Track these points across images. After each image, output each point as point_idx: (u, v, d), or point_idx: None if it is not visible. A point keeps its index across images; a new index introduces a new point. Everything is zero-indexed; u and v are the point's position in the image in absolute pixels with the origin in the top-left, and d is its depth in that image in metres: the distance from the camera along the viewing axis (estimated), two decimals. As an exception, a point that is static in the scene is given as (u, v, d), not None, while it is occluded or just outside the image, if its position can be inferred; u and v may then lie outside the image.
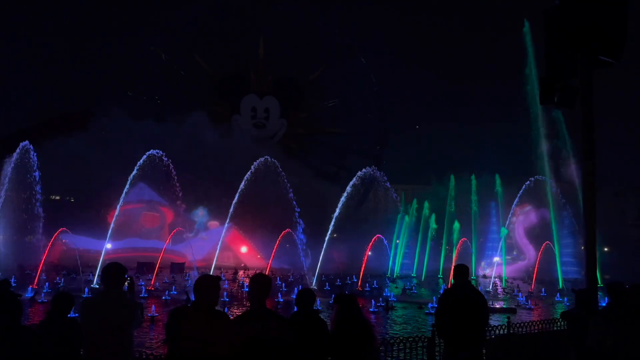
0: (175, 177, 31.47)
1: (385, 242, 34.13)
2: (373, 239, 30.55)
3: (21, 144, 26.20)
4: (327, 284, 26.21)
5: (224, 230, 31.77)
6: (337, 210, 29.84)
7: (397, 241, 39.97)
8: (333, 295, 19.59)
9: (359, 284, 26.24)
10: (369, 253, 29.83)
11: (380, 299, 20.57)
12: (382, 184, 37.41)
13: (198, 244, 36.09)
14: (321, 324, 5.35)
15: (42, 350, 4.42)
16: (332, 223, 29.34)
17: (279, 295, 21.15)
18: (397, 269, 38.71)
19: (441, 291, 21.94)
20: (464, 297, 6.31)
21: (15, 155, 26.09)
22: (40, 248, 25.55)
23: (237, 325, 4.56)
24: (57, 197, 43.06)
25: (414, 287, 27.43)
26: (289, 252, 31.81)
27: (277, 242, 28.61)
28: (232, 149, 46.39)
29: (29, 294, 18.73)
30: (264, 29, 57.73)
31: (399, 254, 39.33)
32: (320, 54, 58.83)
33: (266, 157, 31.59)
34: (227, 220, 31.14)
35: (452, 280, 6.66)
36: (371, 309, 18.59)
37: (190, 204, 40.18)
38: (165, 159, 30.09)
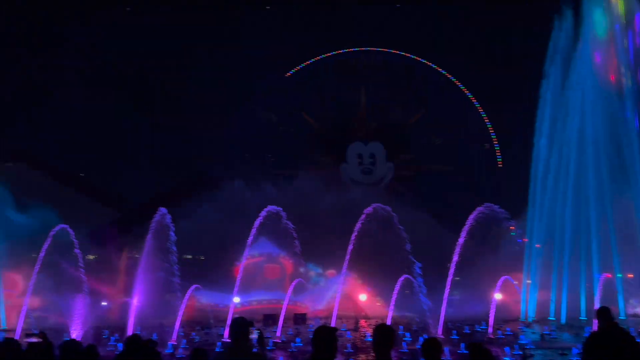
0: (292, 230, 32.64)
1: (514, 282, 31.72)
2: (500, 281, 28.57)
3: (160, 210, 29.06)
4: (453, 331, 24.81)
5: (341, 279, 31.86)
6: (456, 252, 28.56)
7: (528, 281, 36.82)
8: (463, 345, 18.54)
9: (490, 330, 24.47)
10: (497, 296, 27.87)
11: (516, 347, 18.96)
12: (503, 220, 35.24)
13: (317, 293, 36.50)
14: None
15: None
16: (453, 265, 28.06)
17: (404, 345, 20.41)
18: (531, 312, 35.44)
19: (585, 334, 19.64)
20: (613, 341, 5.60)
21: (154, 220, 29.00)
22: (177, 305, 27.53)
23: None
24: (189, 257, 46.58)
25: (553, 332, 24.89)
26: (409, 298, 30.85)
27: (396, 288, 27.94)
28: (342, 196, 47.28)
29: (168, 350, 20.12)
30: (364, 77, 59.65)
31: (532, 295, 36.10)
32: (420, 92, 59.17)
33: (378, 204, 31.56)
34: (344, 268, 31.25)
35: (598, 323, 5.96)
36: (506, 358, 17.15)
37: (308, 254, 41.15)
38: (282, 213, 31.48)
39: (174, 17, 59.96)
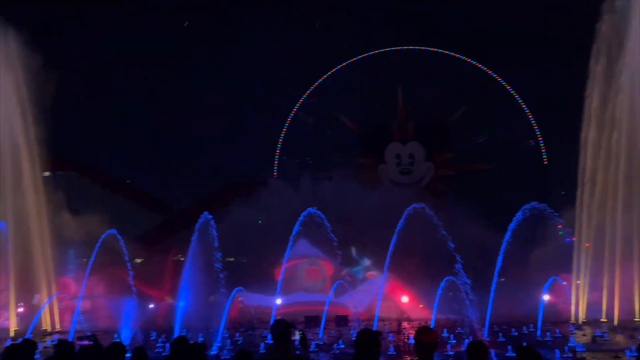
0: (332, 232, 32.66)
1: (563, 283, 30.61)
2: (548, 282, 27.64)
3: (203, 214, 29.74)
4: (500, 334, 24.17)
5: (382, 281, 31.63)
6: (502, 253, 27.82)
7: (578, 282, 35.44)
8: (510, 347, 18.05)
9: (539, 332, 23.72)
10: (546, 297, 26.97)
11: (566, 349, 18.28)
12: (551, 218, 34.05)
13: (359, 295, 36.39)
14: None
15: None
16: (498, 266, 27.35)
17: (448, 347, 20.05)
18: (582, 314, 34.10)
19: (641, 337, 18.73)
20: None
21: (198, 224, 29.68)
22: (221, 307, 28.04)
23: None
24: (232, 259, 47.40)
25: (605, 334, 23.87)
26: (453, 300, 30.28)
27: (439, 290, 27.49)
28: (382, 198, 46.96)
29: (213, 351, 20.51)
30: (401, 77, 59.16)
31: (582, 296, 34.74)
32: (460, 89, 58.13)
33: (418, 204, 31.15)
34: (385, 270, 31.01)
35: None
36: (556, 360, 16.61)
37: (348, 256, 41.13)
38: (322, 215, 31.57)
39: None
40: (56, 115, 36.66)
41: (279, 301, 30.20)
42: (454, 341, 22.11)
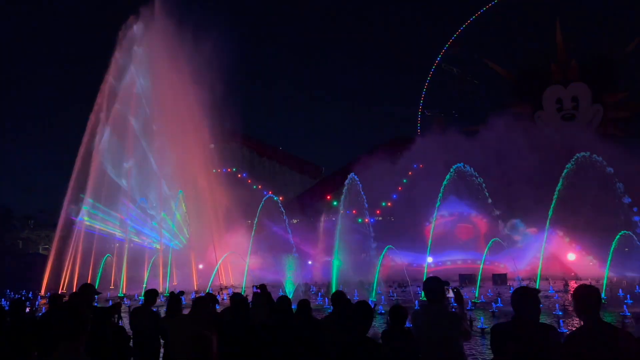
0: (485, 187, 31.19)
1: None
2: None
3: (350, 175, 30.92)
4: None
5: (545, 237, 29.41)
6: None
7: None
8: None
9: None
10: None
11: None
12: None
13: (517, 253, 34.44)
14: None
15: (387, 357, 4.90)
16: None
17: (625, 307, 18.10)
18: None
19: None
20: None
21: (346, 185, 30.84)
22: (373, 264, 28.90)
23: (571, 344, 4.10)
24: (380, 218, 48.24)
25: None
26: (628, 256, 27.04)
27: (613, 246, 24.70)
28: (541, 148, 43.10)
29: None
30: (558, 9, 52.48)
31: None
32: (631, 18, 49.59)
33: (585, 153, 28.00)
34: (547, 226, 28.74)
35: None
36: None
37: (504, 212, 38.91)
38: (472, 170, 30.29)
39: None
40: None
41: (430, 259, 30.04)
42: (631, 301, 19.84)
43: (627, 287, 24.47)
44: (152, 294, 9.04)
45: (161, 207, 39.89)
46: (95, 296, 7.95)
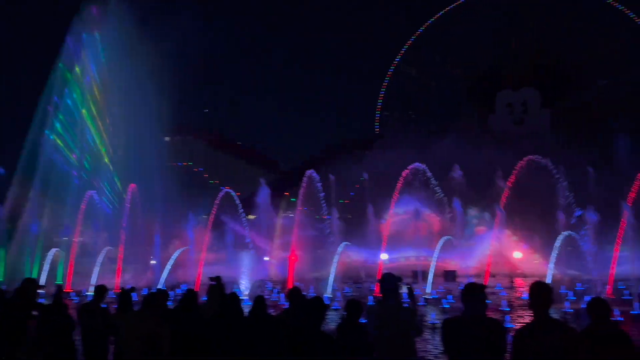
0: (438, 187, 32.04)
1: None
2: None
3: (308, 172, 30.96)
4: (625, 291, 22.36)
5: (493, 236, 30.52)
6: (628, 203, 25.31)
7: None
8: (636, 304, 16.64)
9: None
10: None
11: None
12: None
13: (467, 251, 35.57)
14: (624, 338, 4.59)
15: (340, 351, 5.00)
16: (624, 218, 24.97)
17: (567, 304, 19.03)
18: None
19: None
20: None
21: (304, 182, 30.89)
22: (330, 261, 29.10)
23: (521, 337, 4.30)
24: (338, 215, 48.58)
25: None
26: (572, 255, 28.44)
27: (557, 245, 25.90)
28: (491, 150, 44.65)
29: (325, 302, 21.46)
30: (513, 17, 54.41)
31: None
32: (581, 26, 52.08)
33: (533, 156, 29.23)
34: (495, 225, 29.84)
35: None
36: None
37: (456, 211, 40.09)
38: (427, 169, 31.05)
39: None
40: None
41: (384, 256, 30.55)
42: (574, 298, 20.89)
43: (569, 284, 25.70)
44: (101, 290, 8.79)
45: (113, 199, 38.70)
46: (40, 291, 7.65)
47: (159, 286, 25.70)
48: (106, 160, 39.70)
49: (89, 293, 24.37)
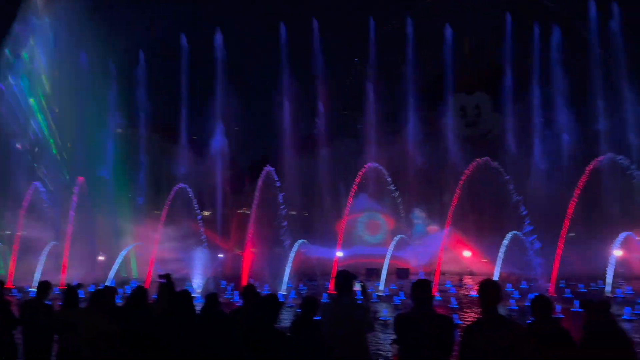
0: (393, 186, 32.62)
1: (637, 239, 29.03)
2: (620, 237, 26.29)
3: (265, 168, 30.73)
4: (567, 290, 23.55)
5: (444, 235, 31.38)
6: (571, 206, 26.61)
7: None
8: (577, 302, 17.57)
9: (609, 289, 22.89)
10: (617, 252, 25.76)
11: (637, 306, 17.56)
12: (625, 169, 32.03)
13: (419, 249, 36.45)
14: (565, 335, 4.84)
15: (295, 349, 5.02)
16: (567, 220, 26.26)
17: (512, 302, 19.84)
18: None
19: None
20: None
21: (261, 178, 30.68)
22: (285, 258, 29.08)
23: (469, 333, 4.45)
24: (294, 212, 48.60)
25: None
26: (517, 255, 29.64)
27: (503, 245, 26.94)
28: (443, 152, 45.90)
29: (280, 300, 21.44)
30: (465, 23, 55.93)
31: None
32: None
33: (484, 158, 30.23)
34: (447, 224, 30.70)
35: None
36: (625, 317, 16.01)
37: (409, 210, 41.01)
38: (382, 169, 31.54)
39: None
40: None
41: (340, 254, 30.83)
42: (518, 296, 21.81)
43: (515, 282, 26.78)
44: (45, 287, 8.45)
45: (60, 193, 37.11)
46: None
47: (107, 283, 24.91)
48: (54, 151, 38.02)
49: (32, 289, 23.34)
